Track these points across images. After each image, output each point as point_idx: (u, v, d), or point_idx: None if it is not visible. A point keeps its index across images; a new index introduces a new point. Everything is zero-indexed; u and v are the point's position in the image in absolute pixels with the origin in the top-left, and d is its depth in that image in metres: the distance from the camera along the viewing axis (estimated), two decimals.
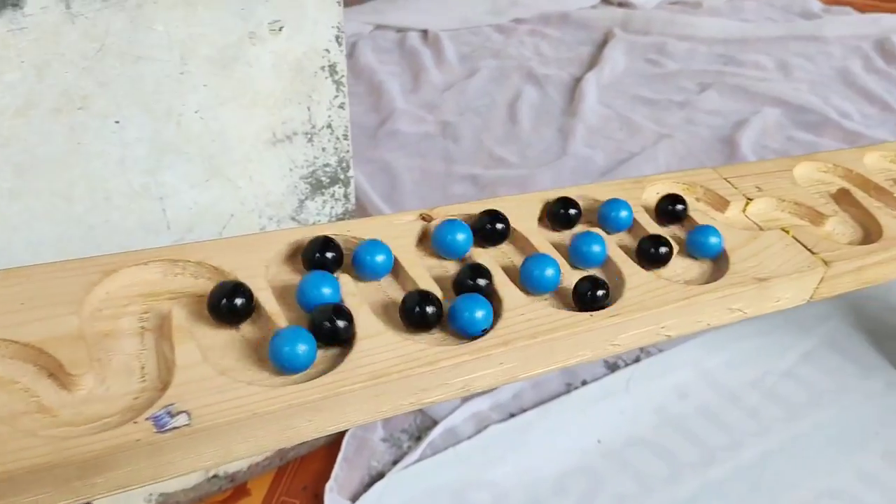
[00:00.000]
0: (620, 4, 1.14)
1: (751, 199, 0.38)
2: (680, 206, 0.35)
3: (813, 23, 1.12)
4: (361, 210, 0.78)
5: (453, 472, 0.57)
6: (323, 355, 0.25)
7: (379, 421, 0.62)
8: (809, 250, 0.35)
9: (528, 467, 0.58)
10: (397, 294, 0.29)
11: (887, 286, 0.76)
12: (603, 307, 0.29)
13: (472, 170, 0.85)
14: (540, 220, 0.35)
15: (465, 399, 0.62)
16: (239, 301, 0.25)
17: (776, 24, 1.11)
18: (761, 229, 0.37)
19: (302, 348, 0.24)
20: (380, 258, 0.28)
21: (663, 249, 0.33)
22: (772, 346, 0.67)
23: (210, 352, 0.25)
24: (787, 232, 0.36)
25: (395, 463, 0.58)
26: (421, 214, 0.32)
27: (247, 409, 0.22)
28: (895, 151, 0.45)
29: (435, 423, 0.60)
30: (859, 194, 0.40)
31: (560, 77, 1.00)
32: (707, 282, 0.32)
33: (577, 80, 0.99)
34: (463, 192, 0.82)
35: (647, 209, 0.36)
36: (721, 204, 0.37)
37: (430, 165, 0.85)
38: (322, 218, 0.47)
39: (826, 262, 0.34)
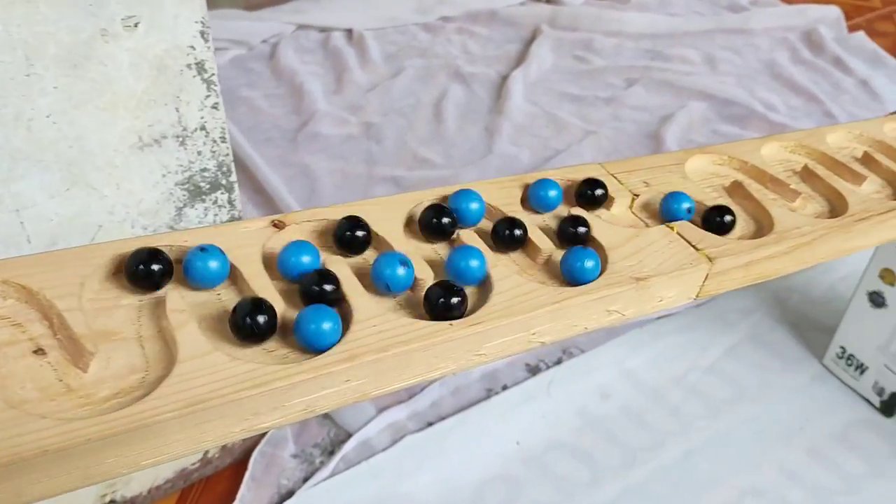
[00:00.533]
0: (549, 1, 1.13)
1: (637, 195, 0.36)
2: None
3: (740, 16, 1.12)
4: None
5: (367, 487, 0.55)
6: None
7: (290, 435, 0.59)
8: (694, 246, 0.33)
9: (445, 477, 0.56)
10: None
11: (810, 278, 0.76)
12: (461, 315, 0.27)
13: (394, 171, 0.83)
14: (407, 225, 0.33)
15: (381, 409, 0.59)
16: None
17: (703, 18, 1.11)
18: (648, 226, 0.35)
19: None
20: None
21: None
22: (695, 342, 0.66)
23: (7, 380, 0.22)
24: (672, 228, 0.34)
25: (305, 480, 0.56)
26: (272, 221, 0.30)
27: (34, 446, 0.20)
28: (795, 142, 0.44)
29: (349, 435, 0.58)
30: (753, 186, 0.39)
31: (487, 75, 0.98)
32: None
33: (505, 78, 0.97)
34: (384, 195, 0.79)
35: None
36: (606, 200, 0.36)
37: (352, 168, 0.83)
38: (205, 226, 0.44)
39: (710, 259, 0.33)
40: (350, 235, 0.29)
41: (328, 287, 0.26)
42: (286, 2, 1.10)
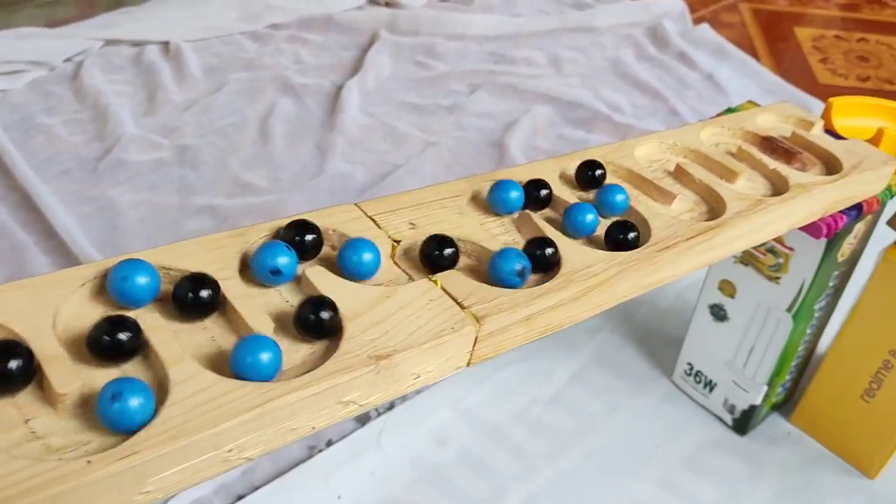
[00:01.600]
0: (388, 4, 1.07)
1: (398, 242, 0.30)
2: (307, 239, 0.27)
3: (585, 13, 1.09)
4: (73, 261, 0.66)
5: None
6: None
7: None
8: (459, 304, 0.27)
9: None
10: None
11: (657, 288, 0.73)
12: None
13: (212, 200, 0.74)
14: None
15: None
16: None
17: (549, 17, 1.08)
18: (412, 279, 0.29)
19: None
20: None
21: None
22: (538, 370, 0.61)
23: None
24: (436, 282, 0.28)
25: None
26: None
27: None
28: (599, 158, 0.38)
29: None
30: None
31: (320, 86, 0.91)
32: (312, 368, 0.24)
33: (340, 89, 0.90)
34: (199, 228, 0.71)
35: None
36: None
37: (163, 199, 0.74)
38: None
39: (478, 319, 0.27)
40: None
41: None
42: (93, 15, 0.99)
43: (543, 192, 0.34)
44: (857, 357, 0.52)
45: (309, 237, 0.28)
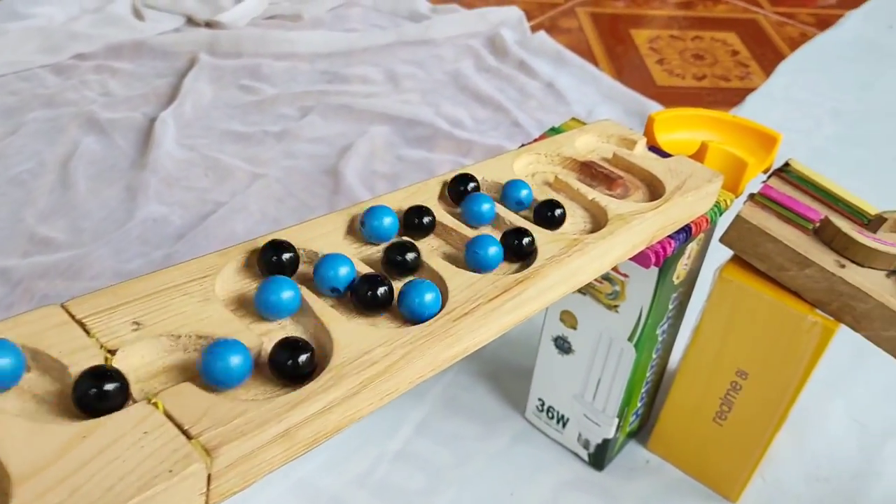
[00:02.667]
0: (208, 25, 0.99)
1: (112, 353, 0.23)
2: None
3: (421, 25, 1.05)
4: None
5: None
6: None
7: None
8: (185, 432, 0.21)
9: None
10: None
11: None
12: None
13: (4, 262, 0.65)
14: None
15: None
16: None
17: (384, 32, 1.03)
18: (135, 402, 0.22)
19: None
20: None
21: None
22: (379, 425, 0.56)
23: None
24: (157, 405, 0.22)
25: None
26: None
27: None
28: (402, 196, 0.33)
29: None
30: None
31: (131, 120, 0.82)
32: None
33: (153, 121, 0.81)
34: None
35: None
36: (55, 370, 0.22)
37: None
38: None
39: (208, 450, 0.21)
40: None
41: None
42: None
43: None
44: (704, 380, 0.50)
45: None
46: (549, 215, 0.34)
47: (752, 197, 0.45)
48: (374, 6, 1.10)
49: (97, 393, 0.21)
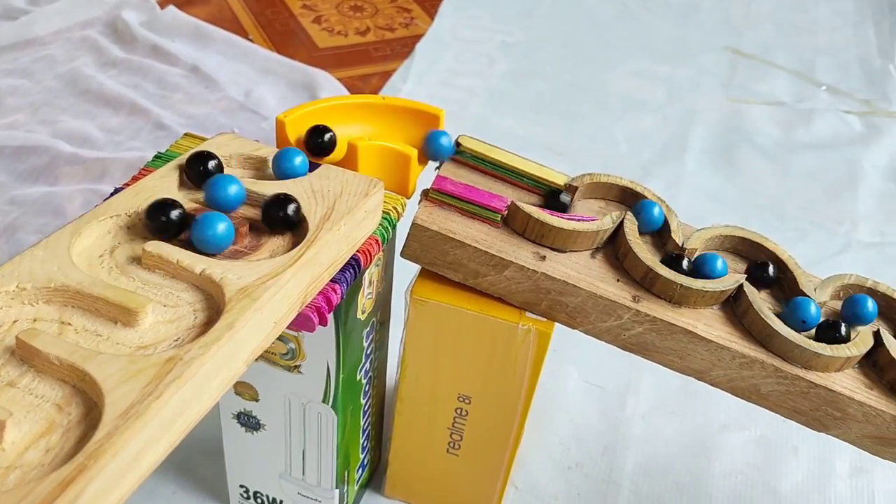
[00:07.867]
0: None
1: None
2: None
3: (18, 23, 0.84)
4: None
5: None
6: None
7: None
8: None
9: None
10: None
11: None
12: None
13: None
14: None
15: None
16: None
17: None
18: None
19: None
20: None
21: None
22: None
23: None
24: None
25: None
26: None
27: None
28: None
29: None
30: None
31: None
32: None
33: None
34: None
35: None
36: None
37: None
38: None
39: None
40: None
41: None
42: None
43: None
44: (426, 414, 0.42)
45: None
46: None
47: (426, 195, 0.37)
48: None
49: None
